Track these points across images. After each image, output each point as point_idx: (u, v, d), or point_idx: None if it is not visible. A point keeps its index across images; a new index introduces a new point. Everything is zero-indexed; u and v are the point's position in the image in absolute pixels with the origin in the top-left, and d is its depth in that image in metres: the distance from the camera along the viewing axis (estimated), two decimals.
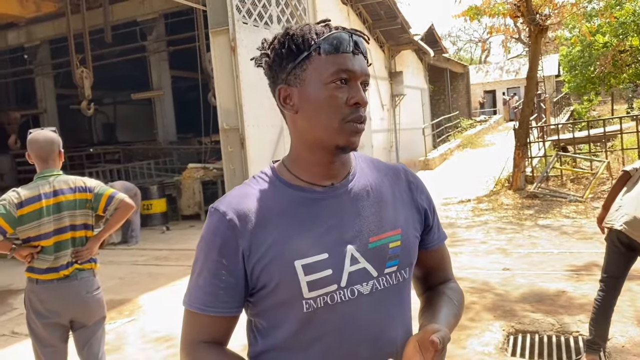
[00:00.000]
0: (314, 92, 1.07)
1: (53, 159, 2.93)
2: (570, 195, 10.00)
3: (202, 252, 1.12)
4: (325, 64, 1.07)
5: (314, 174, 1.13)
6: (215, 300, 1.09)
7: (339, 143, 1.09)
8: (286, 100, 1.12)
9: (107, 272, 7.04)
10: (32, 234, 2.81)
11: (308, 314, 1.07)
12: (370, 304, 1.10)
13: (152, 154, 17.67)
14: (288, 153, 1.18)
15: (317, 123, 1.09)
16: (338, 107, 1.07)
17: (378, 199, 1.17)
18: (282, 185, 1.13)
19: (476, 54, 48.16)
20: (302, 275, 1.05)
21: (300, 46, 1.08)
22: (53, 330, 2.87)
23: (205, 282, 1.10)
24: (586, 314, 4.36)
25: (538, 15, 11.10)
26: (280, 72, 1.11)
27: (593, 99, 25.97)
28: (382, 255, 1.13)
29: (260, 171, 1.19)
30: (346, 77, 1.07)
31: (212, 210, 1.12)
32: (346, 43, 1.08)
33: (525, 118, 11.64)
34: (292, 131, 1.15)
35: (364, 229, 1.12)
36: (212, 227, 1.10)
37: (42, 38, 18.11)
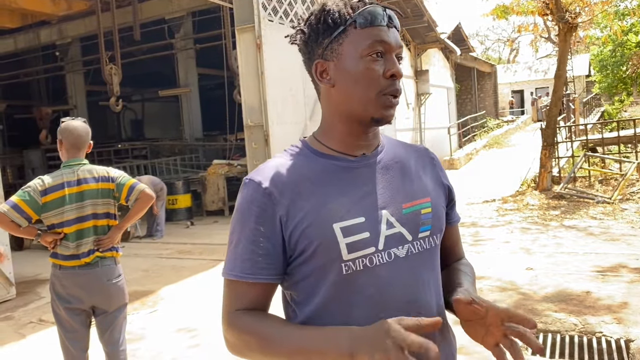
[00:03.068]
0: (351, 65, 1.10)
1: (84, 148, 3.02)
2: (598, 196, 9.80)
3: (239, 222, 1.13)
4: (361, 37, 1.09)
5: (346, 145, 1.16)
6: (254, 267, 1.10)
7: (375, 115, 1.12)
8: (322, 75, 1.14)
9: (132, 264, 7.18)
10: (56, 221, 2.88)
11: (347, 276, 1.08)
12: (406, 268, 1.13)
13: (178, 150, 17.90)
14: (319, 127, 1.21)
15: (353, 96, 1.11)
16: (374, 79, 1.10)
17: (406, 170, 1.21)
18: (314, 155, 1.16)
19: (504, 54, 47.52)
20: (341, 237, 1.07)
21: (336, 20, 1.10)
22: (75, 315, 2.94)
23: (243, 250, 1.11)
24: (611, 315, 4.28)
25: (567, 13, 10.90)
26: (316, 47, 1.14)
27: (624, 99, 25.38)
28: (416, 220, 1.16)
29: (288, 148, 1.21)
30: (382, 50, 1.10)
31: (246, 182, 1.14)
32: (380, 16, 1.10)
33: (552, 118, 11.44)
34: (327, 104, 1.18)
35: (397, 196, 1.16)
36: (248, 197, 1.12)
37: (73, 36, 18.48)
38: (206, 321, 4.93)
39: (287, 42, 1.24)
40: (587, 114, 23.18)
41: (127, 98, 19.06)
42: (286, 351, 1.03)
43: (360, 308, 1.08)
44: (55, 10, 14.91)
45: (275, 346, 1.04)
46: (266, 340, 1.05)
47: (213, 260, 7.50)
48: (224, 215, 11.87)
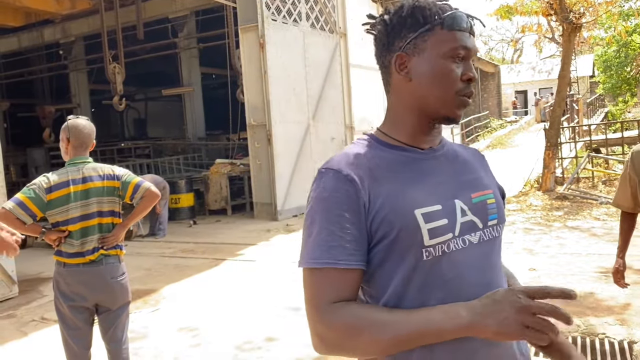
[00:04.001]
0: (432, 64, 1.14)
1: (89, 147, 3.02)
2: (601, 197, 9.77)
3: (321, 211, 1.10)
4: (446, 39, 1.14)
5: (414, 138, 1.20)
6: (344, 252, 1.07)
7: (448, 114, 1.17)
8: (401, 67, 1.17)
9: (134, 263, 7.18)
10: (60, 219, 2.89)
11: (427, 262, 1.10)
12: (479, 254, 1.16)
13: (181, 149, 17.94)
14: (385, 121, 1.24)
15: (431, 93, 1.15)
16: (453, 80, 1.14)
17: (468, 164, 1.28)
18: (385, 147, 1.18)
19: (508, 54, 47.44)
20: (423, 223, 1.09)
21: (426, 18, 1.14)
22: (78, 312, 2.95)
23: (330, 237, 1.08)
24: (614, 316, 4.27)
25: (571, 13, 10.87)
26: (398, 39, 1.17)
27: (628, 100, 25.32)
28: (484, 209, 1.21)
29: (356, 141, 1.22)
30: (463, 54, 1.15)
31: (323, 171, 1.14)
32: (465, 22, 1.15)
33: (556, 118, 11.42)
34: (399, 97, 1.20)
35: (465, 186, 1.21)
36: (330, 185, 1.11)
37: (77, 34, 18.53)
38: (208, 320, 4.94)
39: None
40: (590, 114, 23.13)
41: (130, 97, 19.10)
42: (403, 335, 1.01)
43: (438, 292, 1.10)
44: (59, 9, 14.94)
45: (390, 331, 1.01)
46: (380, 327, 1.02)
47: (216, 260, 7.51)
48: (226, 214, 11.88)
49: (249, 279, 6.40)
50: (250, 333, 4.54)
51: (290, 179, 11.07)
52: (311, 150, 11.57)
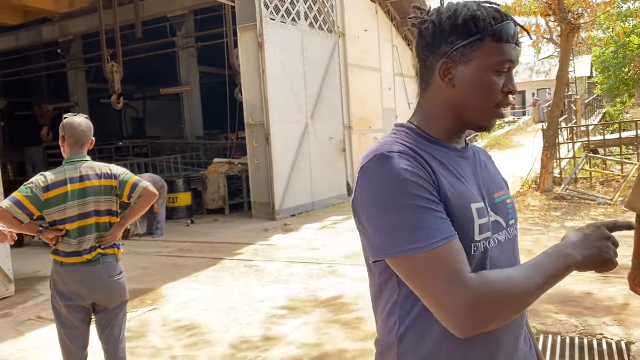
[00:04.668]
0: (478, 74, 1.14)
1: (86, 145, 3.01)
2: (599, 198, 9.78)
3: (407, 193, 1.04)
4: (495, 51, 1.14)
5: (450, 139, 1.21)
6: (451, 225, 1.05)
7: (484, 125, 1.19)
8: (445, 73, 1.17)
9: (132, 262, 7.16)
10: (58, 218, 2.88)
11: (474, 257, 1.10)
12: (508, 251, 1.20)
13: (179, 148, 17.91)
14: (417, 116, 1.24)
15: (471, 102, 1.16)
16: (495, 93, 1.15)
17: (487, 165, 1.31)
18: (426, 140, 1.18)
19: None
20: (477, 218, 1.11)
21: (479, 28, 1.13)
22: (76, 312, 2.93)
23: (431, 215, 1.03)
24: (612, 316, 4.27)
25: (570, 14, 10.88)
26: (445, 44, 1.16)
27: (626, 101, 25.37)
28: (505, 209, 1.24)
29: (397, 129, 1.22)
30: (507, 67, 1.16)
31: (388, 154, 1.08)
32: (514, 34, 1.15)
33: (554, 119, 11.43)
34: (438, 101, 1.20)
35: (491, 186, 1.24)
36: (407, 166, 1.06)
37: (75, 33, 18.48)
38: (206, 320, 4.93)
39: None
40: (589, 115, 23.16)
41: (129, 96, 19.07)
42: (540, 285, 1.04)
43: None
44: (58, 8, 14.92)
45: (531, 286, 1.03)
46: (523, 284, 1.03)
47: (213, 259, 7.50)
48: (224, 213, 11.87)
49: (247, 278, 6.39)
50: (248, 332, 4.54)
51: (289, 178, 11.06)
52: (309, 150, 11.55)
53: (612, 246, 1.10)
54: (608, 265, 1.10)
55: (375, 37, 14.72)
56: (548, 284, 1.05)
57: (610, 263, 1.09)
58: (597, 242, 1.09)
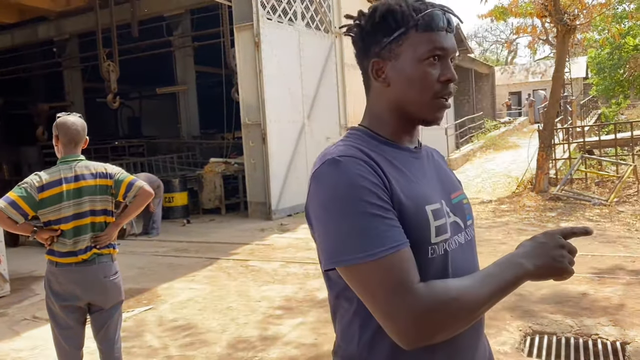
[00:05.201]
0: (408, 68, 1.12)
1: (80, 144, 2.99)
2: (594, 198, 9.82)
3: (356, 199, 1.00)
4: (421, 41, 1.10)
5: (401, 139, 1.19)
6: (401, 233, 1.01)
7: (427, 118, 1.15)
8: (379, 73, 1.15)
9: (128, 262, 7.15)
10: (52, 218, 2.86)
11: (431, 260, 1.07)
12: (466, 253, 1.18)
13: (175, 148, 17.89)
14: (366, 119, 1.21)
15: (408, 97, 1.13)
16: (430, 83, 1.12)
17: (441, 165, 1.29)
18: (379, 142, 1.15)
19: (502, 55, 47.59)
20: (432, 220, 1.08)
21: (399, 21, 1.11)
22: (70, 312, 2.92)
23: (380, 222, 0.99)
24: (608, 316, 4.29)
25: (566, 15, 10.91)
26: (374, 45, 1.14)
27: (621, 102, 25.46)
28: (462, 209, 1.22)
29: (349, 133, 1.19)
30: (440, 54, 1.12)
31: (339, 159, 1.04)
32: (440, 21, 1.11)
33: (550, 119, 11.46)
34: (379, 101, 1.18)
35: (446, 186, 1.22)
36: (358, 171, 1.03)
37: (71, 32, 18.43)
38: (202, 319, 4.92)
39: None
40: (584, 116, 23.23)
41: (125, 95, 19.02)
42: (489, 296, 1.01)
43: None
44: (53, 6, 14.89)
45: (479, 297, 1.00)
46: (471, 295, 0.99)
47: (209, 259, 7.49)
48: (220, 213, 11.85)
49: (243, 278, 6.38)
50: (244, 332, 4.53)
51: (285, 178, 11.06)
52: (306, 150, 11.56)
53: (566, 254, 1.06)
54: (562, 274, 1.06)
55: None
56: (497, 295, 1.02)
57: (564, 272, 1.05)
58: (551, 250, 1.06)
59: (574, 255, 1.07)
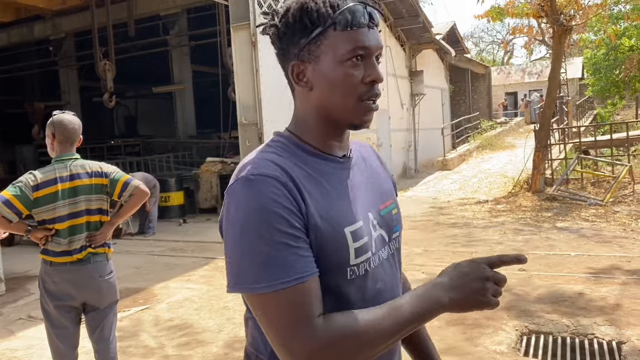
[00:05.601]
0: (330, 70, 1.04)
1: (75, 142, 2.98)
2: (590, 198, 9.84)
3: (264, 224, 0.95)
4: (340, 41, 1.02)
5: (329, 146, 1.11)
6: (307, 263, 0.95)
7: (354, 122, 1.07)
8: (299, 77, 1.07)
9: (124, 261, 7.13)
10: (47, 217, 2.84)
11: (350, 281, 1.04)
12: (388, 268, 1.14)
13: (171, 147, 17.84)
14: (294, 123, 1.14)
15: (332, 102, 1.06)
16: (354, 85, 1.04)
17: (374, 170, 1.22)
18: (304, 153, 1.08)
19: (498, 56, 47.69)
20: (351, 242, 1.03)
21: (315, 21, 1.02)
22: (65, 312, 2.90)
23: (286, 251, 0.94)
24: (604, 316, 4.30)
25: (562, 16, 10.93)
26: (292, 46, 1.06)
27: (617, 102, 25.54)
28: (390, 221, 1.17)
29: (272, 140, 1.12)
30: (362, 54, 1.04)
31: (252, 178, 0.98)
32: (361, 16, 1.03)
33: (546, 120, 11.49)
34: (304, 106, 1.11)
35: (375, 198, 1.16)
36: (269, 193, 0.96)
37: (67, 31, 18.35)
38: (198, 319, 4.91)
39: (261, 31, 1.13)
40: (580, 116, 23.29)
41: (121, 94, 18.95)
42: (394, 331, 0.95)
43: None
44: (50, 5, 14.82)
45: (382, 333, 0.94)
46: (373, 331, 0.94)
47: (206, 258, 7.47)
48: (216, 213, 11.82)
49: None
50: (241, 332, 4.52)
51: None
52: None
53: (490, 287, 0.97)
54: (483, 308, 0.98)
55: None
56: (405, 329, 0.96)
57: (485, 305, 0.98)
58: (472, 282, 0.98)
59: (502, 285, 0.99)
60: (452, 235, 8.08)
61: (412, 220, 9.51)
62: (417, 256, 6.82)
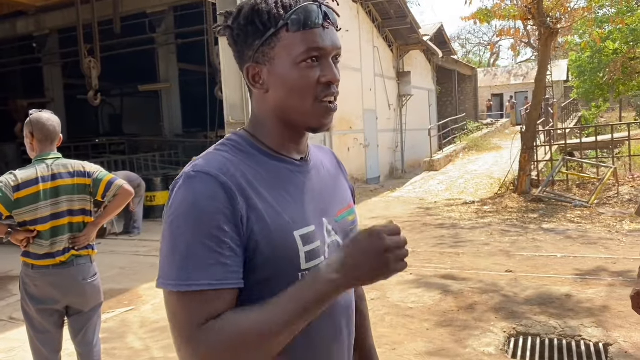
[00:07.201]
0: (285, 72, 1.02)
1: (55, 141, 2.91)
2: (575, 200, 9.92)
3: (194, 221, 0.93)
4: (294, 42, 1.00)
5: (287, 148, 1.09)
6: (226, 272, 0.93)
7: (312, 125, 1.06)
8: (255, 79, 1.06)
9: (108, 261, 7.03)
10: (28, 218, 2.76)
11: None
12: None
13: (157, 146, 17.69)
14: (252, 126, 1.11)
15: (289, 104, 1.04)
16: (310, 87, 1.02)
17: (331, 175, 1.20)
18: (260, 154, 1.06)
19: (485, 58, 48.03)
20: (302, 246, 1.01)
21: (266, 23, 1.00)
22: (48, 315, 2.83)
23: (207, 253, 0.92)
24: (592, 318, 4.31)
25: (549, 18, 11.02)
26: (246, 48, 1.04)
27: (601, 105, 25.85)
28: (346, 227, 1.16)
29: (228, 138, 1.09)
30: (317, 55, 1.02)
31: (193, 175, 0.97)
32: (315, 16, 1.01)
33: (532, 121, 11.56)
34: (261, 108, 1.09)
35: (332, 203, 1.15)
36: (205, 191, 0.94)
37: (52, 27, 18.12)
38: None
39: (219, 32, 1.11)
40: (565, 118, 23.53)
41: (106, 92, 18.75)
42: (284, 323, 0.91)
43: None
44: (33, 1, 14.62)
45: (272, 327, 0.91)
46: (261, 326, 0.91)
47: None
48: None
49: None
50: None
51: None
52: None
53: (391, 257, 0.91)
54: (389, 277, 0.93)
55: (356, 37, 14.73)
56: (296, 320, 0.91)
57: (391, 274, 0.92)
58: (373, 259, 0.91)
59: (404, 245, 0.93)
60: (439, 236, 8.08)
61: (400, 221, 9.51)
62: None
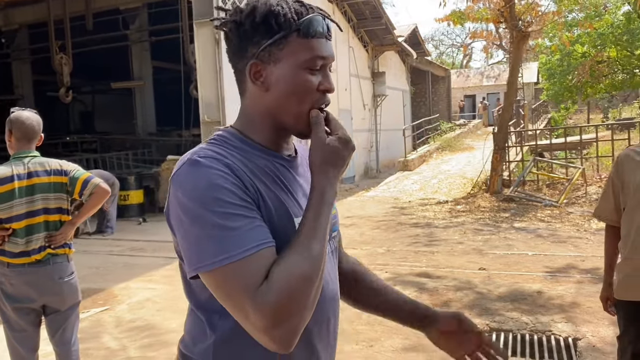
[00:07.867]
0: (289, 75, 1.06)
1: (34, 140, 2.88)
2: (545, 200, 10.16)
3: (214, 198, 0.96)
4: (302, 48, 1.06)
5: (276, 145, 1.14)
6: (265, 232, 0.97)
7: (301, 130, 1.10)
8: (256, 76, 1.08)
9: (82, 261, 6.89)
10: (3, 216, 2.74)
11: None
12: (329, 266, 1.16)
13: (130, 144, 17.45)
14: (241, 123, 1.14)
15: (286, 106, 1.08)
16: (310, 93, 1.07)
17: None
18: (251, 148, 1.10)
19: (458, 59, 48.65)
20: None
21: (281, 24, 1.05)
22: (24, 314, 2.81)
23: (241, 220, 0.95)
24: (562, 314, 4.44)
25: (520, 22, 11.25)
26: (251, 45, 1.07)
27: (570, 107, 26.45)
28: None
29: (217, 135, 1.12)
30: (320, 63, 1.08)
31: (200, 159, 1.00)
32: (322, 27, 1.07)
33: (504, 123, 11.79)
34: (255, 105, 1.11)
35: None
36: (216, 171, 0.98)
37: (21, 22, 17.72)
38: (161, 320, 4.82)
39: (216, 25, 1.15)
40: (535, 120, 24.03)
41: (78, 89, 18.41)
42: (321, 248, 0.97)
43: None
44: None
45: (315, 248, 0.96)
46: (307, 256, 0.95)
47: (167, 258, 7.32)
48: None
49: None
50: None
51: None
52: None
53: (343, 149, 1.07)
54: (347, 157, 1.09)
55: (332, 37, 14.78)
56: (326, 233, 1.00)
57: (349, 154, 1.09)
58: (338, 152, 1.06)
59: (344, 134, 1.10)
60: (414, 235, 8.19)
61: (375, 220, 9.60)
62: (380, 256, 6.89)
